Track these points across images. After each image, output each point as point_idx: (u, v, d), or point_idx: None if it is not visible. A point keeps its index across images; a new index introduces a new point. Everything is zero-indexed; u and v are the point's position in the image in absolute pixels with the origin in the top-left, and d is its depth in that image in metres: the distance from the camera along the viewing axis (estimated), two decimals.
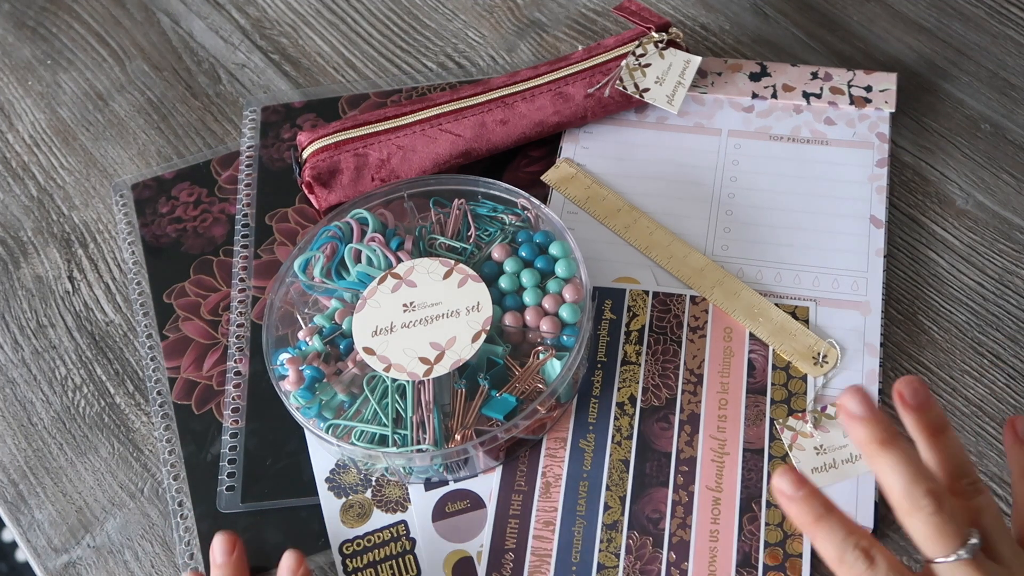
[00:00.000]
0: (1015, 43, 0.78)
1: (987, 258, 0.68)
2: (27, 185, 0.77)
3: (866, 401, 0.49)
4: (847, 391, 0.49)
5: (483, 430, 0.59)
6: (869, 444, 0.49)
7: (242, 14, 0.84)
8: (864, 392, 0.49)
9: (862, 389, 0.49)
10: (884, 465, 0.49)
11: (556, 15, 0.82)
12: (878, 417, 0.49)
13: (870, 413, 0.49)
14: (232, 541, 0.58)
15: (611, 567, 0.59)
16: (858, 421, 0.49)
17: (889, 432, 0.49)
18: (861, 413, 0.49)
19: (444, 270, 0.64)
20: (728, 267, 0.68)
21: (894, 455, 0.49)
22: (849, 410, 0.49)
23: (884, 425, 0.49)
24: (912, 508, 0.48)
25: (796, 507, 0.49)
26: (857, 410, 0.49)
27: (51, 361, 0.70)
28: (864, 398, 0.49)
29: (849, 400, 0.49)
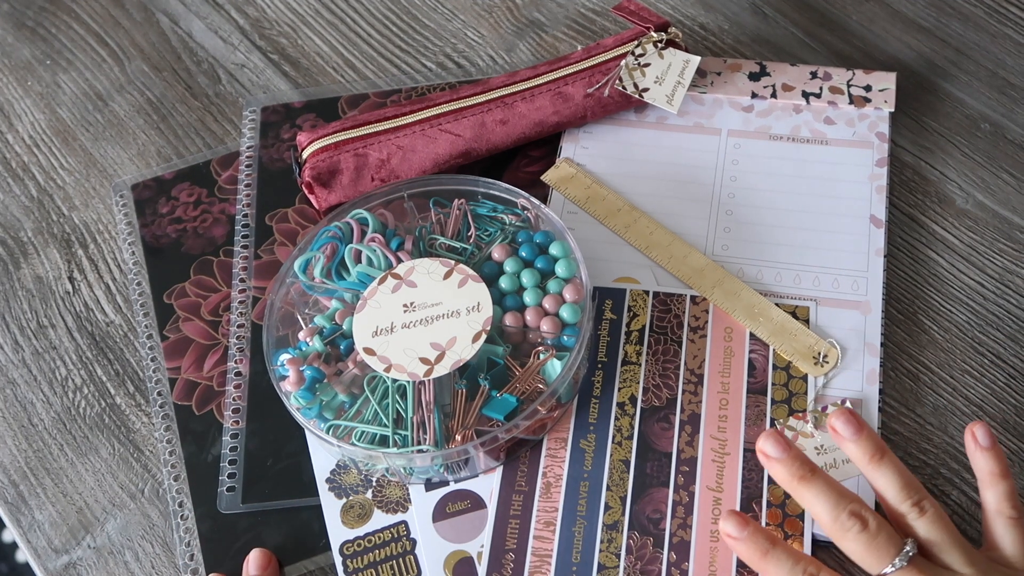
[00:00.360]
0: (1014, 42, 0.78)
1: (987, 257, 0.69)
2: (27, 186, 0.77)
3: (781, 442, 0.53)
4: (763, 435, 0.54)
5: (484, 430, 0.59)
6: (790, 481, 0.53)
7: (241, 14, 0.84)
8: (777, 434, 0.54)
9: (775, 432, 0.54)
10: (808, 497, 0.53)
11: (555, 15, 0.82)
12: (794, 454, 0.53)
13: (785, 453, 0.53)
14: (268, 557, 0.60)
15: (612, 567, 0.59)
16: (776, 462, 0.53)
17: (807, 467, 0.53)
18: (777, 455, 0.53)
19: (444, 270, 0.64)
20: (728, 267, 0.68)
21: (815, 486, 0.52)
22: (766, 453, 0.54)
23: (800, 461, 0.53)
24: (841, 531, 0.51)
25: (743, 546, 0.53)
26: (773, 452, 0.54)
27: (51, 362, 0.70)
28: (778, 439, 0.53)
29: (765, 443, 0.53)
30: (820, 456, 0.61)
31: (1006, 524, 0.53)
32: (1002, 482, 0.53)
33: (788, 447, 0.53)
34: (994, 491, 0.53)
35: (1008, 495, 0.53)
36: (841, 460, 0.61)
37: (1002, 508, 0.53)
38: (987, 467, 0.54)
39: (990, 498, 0.54)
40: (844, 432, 0.54)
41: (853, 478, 0.60)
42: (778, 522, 0.59)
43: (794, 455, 0.53)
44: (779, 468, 0.53)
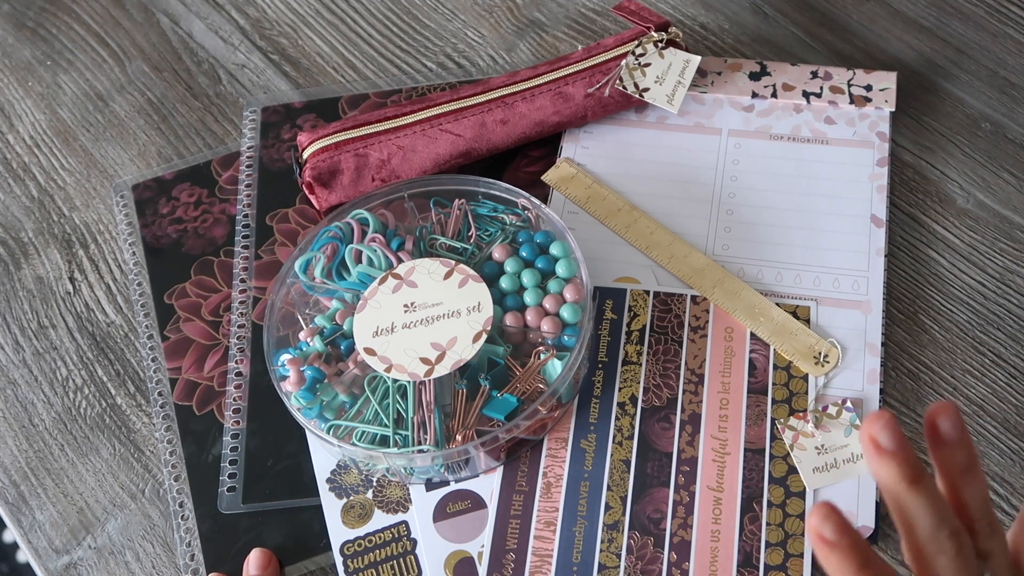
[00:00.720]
0: (1015, 42, 0.78)
1: (988, 257, 0.68)
2: (28, 186, 0.77)
3: (897, 434, 0.44)
4: (875, 421, 0.44)
5: (484, 430, 0.59)
6: (898, 483, 0.45)
7: (242, 14, 0.84)
8: (894, 422, 0.44)
9: (891, 418, 0.45)
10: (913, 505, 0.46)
11: (555, 15, 0.82)
12: (908, 453, 0.45)
13: (901, 448, 0.45)
14: (268, 557, 0.60)
15: (612, 567, 0.59)
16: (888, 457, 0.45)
17: (918, 469, 0.45)
18: (892, 447, 0.44)
19: (445, 270, 0.64)
20: (729, 267, 0.68)
21: (923, 496, 0.45)
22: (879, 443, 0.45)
23: (913, 461, 0.45)
24: (936, 551, 0.46)
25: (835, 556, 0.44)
26: (888, 443, 0.44)
27: (52, 362, 0.70)
28: (895, 429, 0.44)
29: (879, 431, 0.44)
30: (821, 456, 0.61)
31: None
32: None
33: (904, 441, 0.45)
34: None
35: None
36: (842, 460, 0.61)
37: None
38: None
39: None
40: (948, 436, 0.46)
41: (853, 478, 0.60)
42: (779, 522, 0.59)
43: (910, 453, 0.45)
44: (887, 465, 0.45)
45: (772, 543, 0.59)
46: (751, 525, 0.59)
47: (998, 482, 0.61)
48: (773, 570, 0.58)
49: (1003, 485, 0.61)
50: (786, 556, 0.58)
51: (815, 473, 0.60)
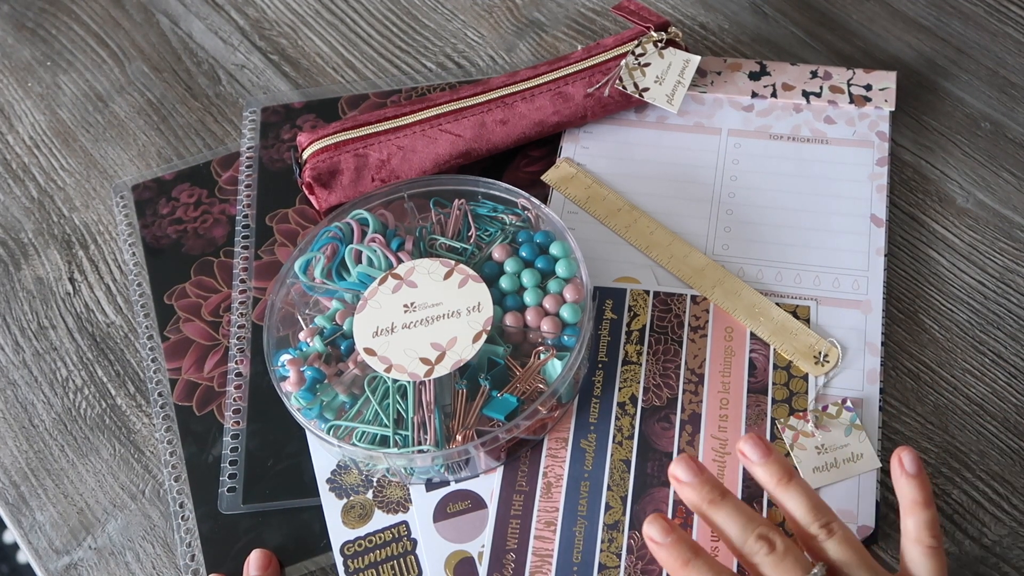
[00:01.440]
0: (1014, 41, 0.78)
1: (988, 256, 0.68)
2: (27, 187, 0.77)
3: (692, 467, 0.54)
4: (675, 462, 0.54)
5: (484, 430, 0.59)
6: (700, 504, 0.53)
7: (241, 15, 0.84)
8: (689, 459, 0.54)
9: (687, 456, 0.54)
10: (717, 520, 0.53)
11: (555, 15, 0.82)
12: (704, 479, 0.53)
13: (696, 478, 0.53)
14: (268, 557, 0.60)
15: (612, 567, 0.59)
16: (685, 486, 0.54)
17: (717, 491, 0.53)
18: (688, 479, 0.54)
19: (445, 270, 0.64)
20: (729, 266, 0.68)
21: (724, 510, 0.53)
22: (678, 477, 0.54)
23: (711, 486, 0.53)
24: (750, 554, 0.52)
25: (664, 552, 0.53)
26: (684, 476, 0.54)
27: (52, 363, 0.70)
28: (691, 463, 0.54)
29: (676, 468, 0.54)
30: (821, 455, 0.61)
31: (923, 552, 0.52)
32: (924, 511, 0.53)
33: (700, 471, 0.54)
34: (915, 519, 0.53)
35: (929, 524, 0.52)
36: (842, 460, 0.61)
37: (921, 536, 0.52)
38: (911, 495, 0.53)
39: (911, 525, 0.53)
40: (752, 456, 0.54)
41: (853, 478, 0.60)
42: (779, 522, 0.59)
43: (705, 479, 0.54)
44: (689, 492, 0.54)
45: None
46: None
47: (998, 481, 0.61)
48: None
49: (1003, 485, 0.61)
50: None
51: (815, 473, 0.60)
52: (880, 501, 0.59)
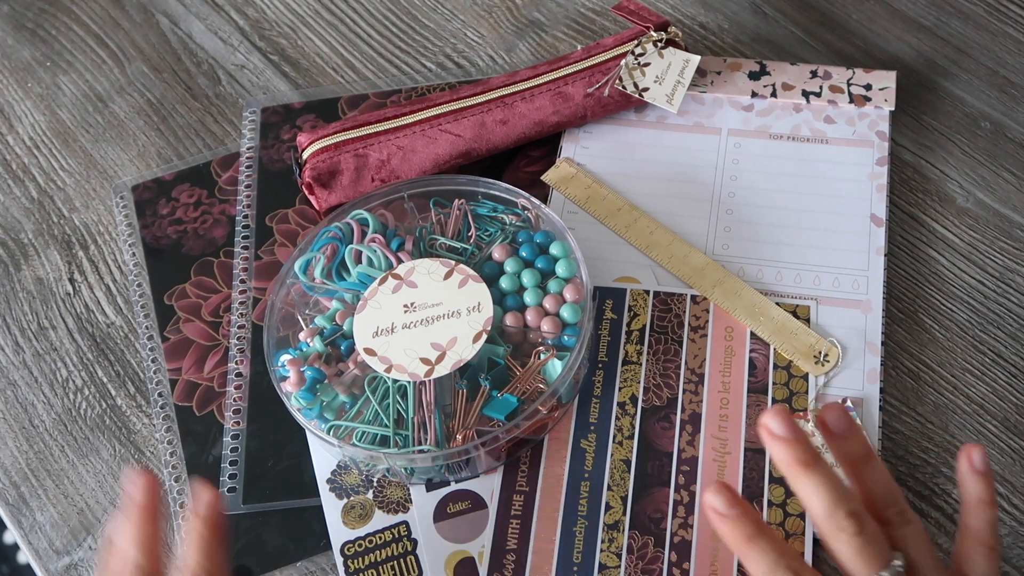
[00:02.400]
0: (1014, 40, 0.78)
1: (988, 256, 0.68)
2: (27, 187, 0.77)
3: (789, 422, 0.49)
4: (770, 412, 0.49)
5: (484, 430, 0.59)
6: (791, 465, 0.49)
7: (241, 15, 0.84)
8: (786, 412, 0.49)
9: (784, 409, 0.49)
10: (806, 487, 0.49)
11: (555, 15, 0.82)
12: (800, 438, 0.49)
13: (792, 434, 0.49)
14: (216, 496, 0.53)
15: (612, 567, 0.59)
16: (780, 441, 0.49)
17: (811, 454, 0.49)
18: (783, 433, 0.49)
19: (445, 271, 0.64)
20: (729, 266, 0.68)
21: (816, 477, 0.49)
22: (771, 430, 0.49)
23: (806, 447, 0.49)
24: (834, 530, 0.48)
25: (728, 525, 0.49)
26: (779, 430, 0.49)
27: (52, 363, 0.70)
28: (786, 419, 0.49)
29: (771, 420, 0.49)
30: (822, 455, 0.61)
31: (984, 553, 0.51)
32: (989, 510, 0.51)
33: (795, 428, 0.49)
34: (979, 518, 0.51)
35: (992, 524, 0.51)
36: None
37: (983, 536, 0.51)
38: (977, 492, 0.52)
39: (973, 524, 0.51)
40: (836, 427, 0.51)
41: None
42: (779, 521, 0.59)
43: (800, 437, 0.49)
44: (781, 449, 0.49)
45: None
46: None
47: (999, 481, 0.61)
48: None
49: (1003, 484, 0.61)
50: None
51: None
52: None
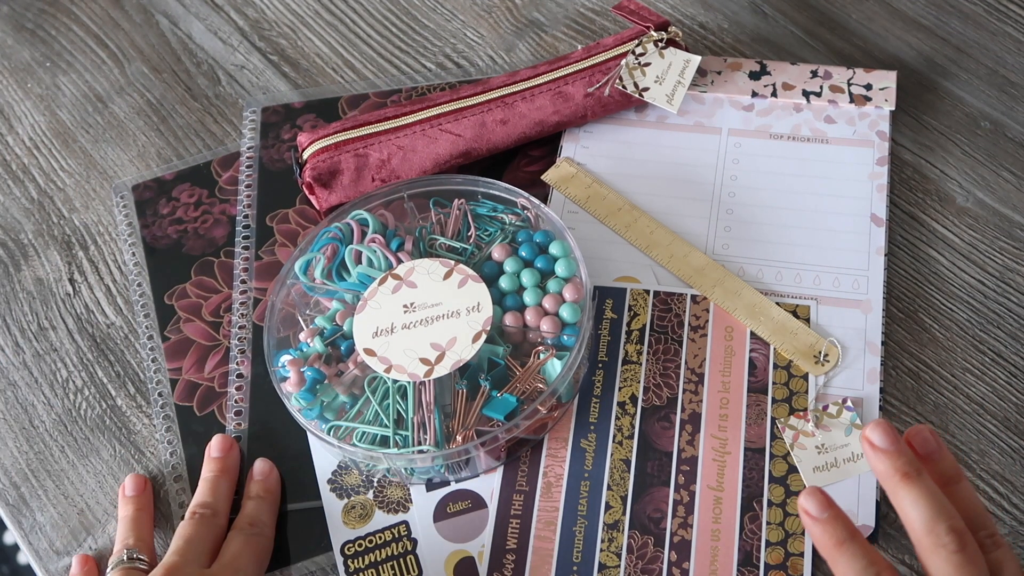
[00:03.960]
0: (1014, 40, 0.78)
1: (988, 256, 0.68)
2: (27, 188, 0.77)
3: (890, 434, 0.48)
4: (871, 424, 0.49)
5: (484, 430, 0.59)
6: (891, 476, 0.48)
7: (241, 15, 0.84)
8: (888, 425, 0.49)
9: (886, 422, 0.49)
10: (906, 499, 0.48)
11: (555, 15, 0.82)
12: (901, 450, 0.48)
13: (894, 445, 0.48)
14: (230, 442, 0.64)
15: (612, 567, 0.59)
16: (881, 453, 0.48)
17: (912, 466, 0.48)
18: (884, 445, 0.48)
19: (444, 271, 0.64)
20: (729, 266, 0.68)
21: (917, 489, 0.47)
22: (872, 441, 0.48)
23: (907, 458, 0.48)
24: (934, 545, 0.47)
25: (820, 529, 0.49)
26: (880, 442, 0.48)
27: (52, 364, 0.70)
28: (888, 431, 0.48)
29: (872, 432, 0.48)
30: (822, 455, 0.61)
31: None
32: None
33: (897, 439, 0.48)
34: None
35: None
36: (842, 460, 0.61)
37: None
38: None
39: None
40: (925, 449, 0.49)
41: (853, 478, 0.60)
42: (779, 521, 0.59)
43: (902, 449, 0.48)
44: (882, 460, 0.48)
45: (772, 542, 0.59)
46: (751, 524, 0.59)
47: (999, 480, 0.61)
48: (773, 569, 0.58)
49: (1003, 484, 0.61)
50: (786, 555, 0.58)
51: (815, 472, 0.60)
52: (880, 501, 0.59)
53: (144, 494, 0.63)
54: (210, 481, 0.62)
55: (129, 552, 0.59)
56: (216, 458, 0.63)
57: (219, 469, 0.62)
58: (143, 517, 0.62)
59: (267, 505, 0.61)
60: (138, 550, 0.60)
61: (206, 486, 0.62)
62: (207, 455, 0.63)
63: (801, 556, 0.58)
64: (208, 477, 0.62)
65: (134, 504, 0.63)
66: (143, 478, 0.64)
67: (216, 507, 0.61)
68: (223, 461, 0.63)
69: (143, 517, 0.62)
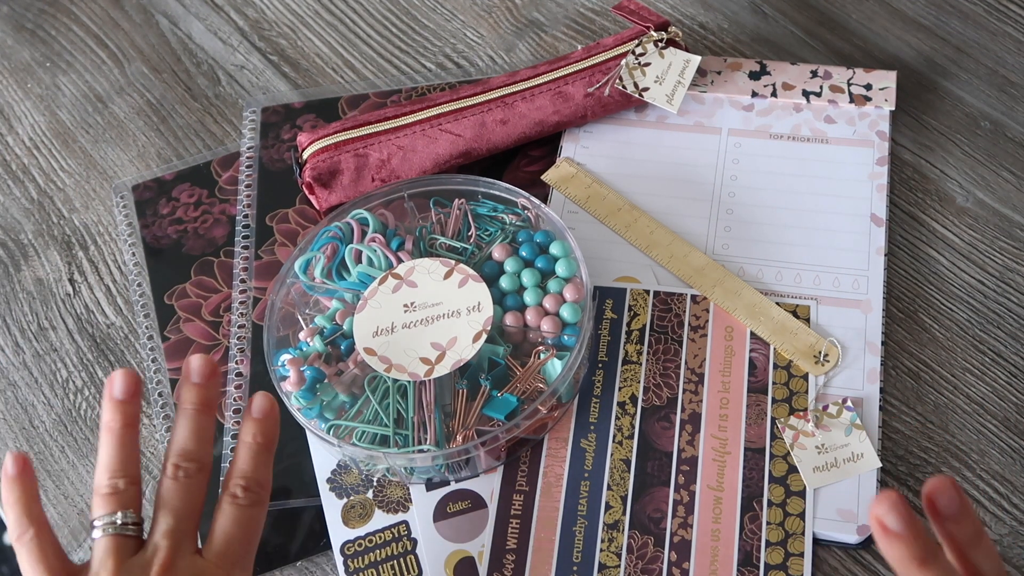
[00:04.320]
0: (1014, 40, 0.78)
1: (988, 256, 0.68)
2: (27, 188, 0.77)
3: (903, 515, 0.44)
4: (881, 499, 0.44)
5: (484, 430, 0.59)
6: (907, 564, 0.44)
7: (241, 16, 0.84)
8: (901, 502, 0.44)
9: (898, 498, 0.44)
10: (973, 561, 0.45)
11: (555, 15, 0.82)
12: (917, 533, 0.44)
13: (909, 530, 0.44)
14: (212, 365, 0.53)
15: (612, 567, 0.59)
16: (895, 539, 0.44)
17: (928, 549, 0.44)
18: (899, 530, 0.44)
19: (445, 270, 0.64)
20: (729, 266, 0.68)
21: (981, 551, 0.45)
22: (885, 524, 0.44)
23: (923, 542, 0.44)
24: None
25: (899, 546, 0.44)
26: (895, 526, 0.44)
27: (52, 364, 0.70)
28: (902, 511, 0.44)
29: (887, 514, 0.44)
30: (822, 455, 0.61)
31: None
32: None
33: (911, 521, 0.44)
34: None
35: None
36: (842, 460, 0.61)
37: None
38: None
39: None
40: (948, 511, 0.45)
41: (853, 478, 0.60)
42: (779, 521, 0.59)
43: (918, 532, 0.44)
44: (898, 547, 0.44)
45: (772, 542, 0.59)
46: (751, 524, 0.59)
47: (999, 480, 0.61)
48: (773, 569, 0.58)
49: (1003, 484, 0.61)
50: (786, 555, 0.58)
51: (815, 472, 0.60)
52: None
53: (135, 401, 0.52)
54: (192, 420, 0.52)
55: (124, 515, 0.50)
56: (197, 385, 0.52)
57: (200, 401, 0.52)
58: (131, 438, 0.51)
59: (265, 456, 0.53)
60: (132, 510, 0.50)
61: (187, 427, 0.52)
62: (183, 378, 0.52)
63: (801, 556, 0.58)
64: (188, 413, 0.52)
65: (122, 415, 0.51)
66: (135, 376, 0.52)
67: (201, 458, 0.52)
68: (204, 390, 0.52)
69: (131, 438, 0.51)
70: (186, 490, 0.51)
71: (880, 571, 0.59)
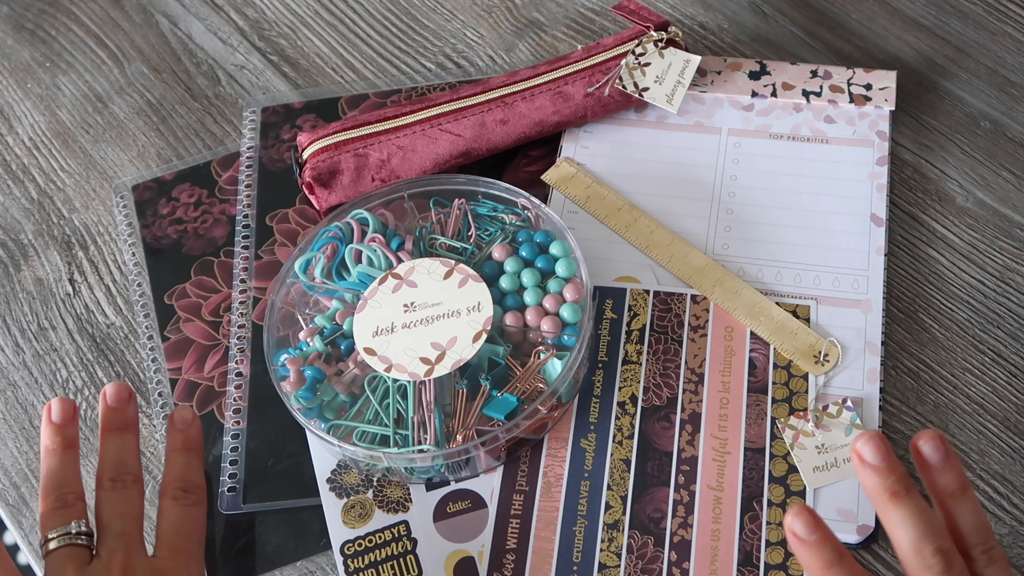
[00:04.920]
0: (1014, 40, 0.78)
1: (988, 255, 0.68)
2: (27, 188, 0.77)
3: (881, 449, 0.47)
4: (863, 436, 0.47)
5: (484, 430, 0.59)
6: (880, 494, 0.47)
7: (241, 16, 0.84)
8: (880, 438, 0.47)
9: (879, 435, 0.47)
10: (894, 518, 0.47)
11: (555, 15, 0.82)
12: (892, 466, 0.47)
13: (884, 462, 0.47)
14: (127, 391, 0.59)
15: (612, 567, 0.59)
16: (870, 469, 0.47)
17: (902, 484, 0.47)
18: (874, 461, 0.47)
19: (445, 270, 0.64)
20: (729, 266, 0.68)
21: (905, 509, 0.47)
22: (862, 456, 0.47)
23: (897, 476, 0.47)
24: (921, 566, 0.46)
25: (807, 551, 0.47)
26: (870, 457, 0.47)
27: (52, 364, 0.70)
28: (879, 445, 0.47)
29: (863, 446, 0.47)
30: (822, 455, 0.61)
31: None
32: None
33: (888, 455, 0.47)
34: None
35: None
36: (842, 460, 0.61)
37: None
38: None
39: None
40: (932, 459, 0.47)
41: (853, 478, 0.60)
42: (779, 521, 0.59)
43: (892, 466, 0.47)
44: (871, 476, 0.47)
45: (772, 542, 0.59)
46: (751, 524, 0.59)
47: (999, 480, 0.61)
48: (773, 569, 0.58)
49: (1003, 484, 0.61)
50: (786, 555, 0.58)
51: (815, 472, 0.60)
52: None
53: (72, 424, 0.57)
54: (118, 438, 0.57)
55: (77, 525, 0.54)
56: (114, 409, 0.58)
57: (122, 423, 0.57)
58: (73, 458, 0.57)
59: (196, 461, 0.58)
60: (83, 521, 0.54)
61: (115, 445, 0.57)
62: (101, 403, 0.58)
63: None
64: (113, 434, 0.57)
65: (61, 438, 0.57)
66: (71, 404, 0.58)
67: (135, 471, 0.56)
68: (123, 413, 0.58)
69: (73, 458, 0.57)
70: (127, 499, 0.55)
71: (880, 571, 0.59)
